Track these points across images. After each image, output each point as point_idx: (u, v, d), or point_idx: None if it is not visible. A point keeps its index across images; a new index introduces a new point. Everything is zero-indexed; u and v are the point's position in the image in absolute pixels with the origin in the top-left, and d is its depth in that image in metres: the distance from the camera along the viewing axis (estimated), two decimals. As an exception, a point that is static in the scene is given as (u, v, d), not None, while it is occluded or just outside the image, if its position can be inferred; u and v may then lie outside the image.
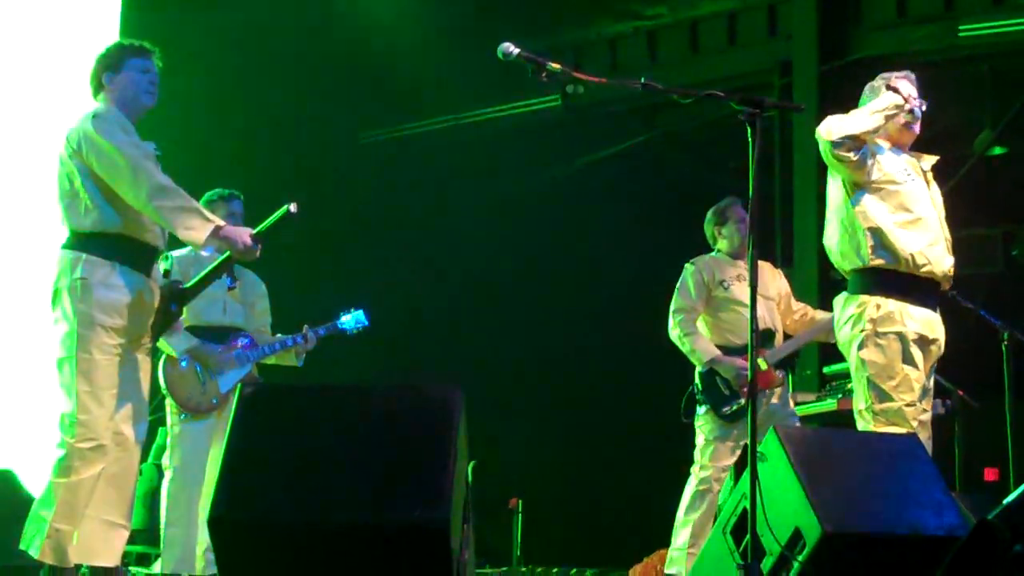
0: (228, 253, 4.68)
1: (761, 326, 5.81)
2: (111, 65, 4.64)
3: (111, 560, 4.51)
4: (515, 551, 8.69)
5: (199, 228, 4.39)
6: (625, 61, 9.92)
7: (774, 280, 6.17)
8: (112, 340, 4.43)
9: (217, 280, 5.02)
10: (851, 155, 4.76)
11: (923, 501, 3.99)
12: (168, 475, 5.57)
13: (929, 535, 3.90)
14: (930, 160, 5.06)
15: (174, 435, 5.58)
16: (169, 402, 5.59)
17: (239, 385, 4.46)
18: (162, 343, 5.31)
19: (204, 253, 4.80)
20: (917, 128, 5.00)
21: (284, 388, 3.74)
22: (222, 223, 4.52)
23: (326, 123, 9.61)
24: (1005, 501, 3.63)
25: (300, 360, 5.89)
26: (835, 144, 4.75)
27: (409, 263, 9.75)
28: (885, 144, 4.96)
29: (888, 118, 4.86)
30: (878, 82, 5.01)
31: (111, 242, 4.45)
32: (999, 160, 9.39)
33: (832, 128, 4.77)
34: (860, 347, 4.80)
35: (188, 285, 4.88)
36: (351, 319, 6.00)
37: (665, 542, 6.20)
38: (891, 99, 4.87)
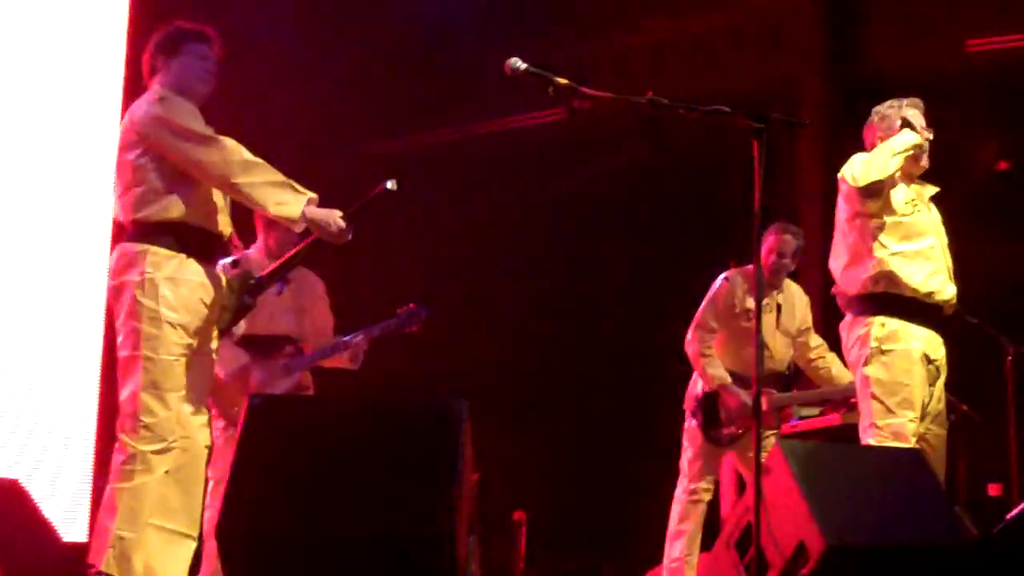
0: (303, 243, 4.42)
1: (773, 366, 5.94)
2: (167, 48, 4.39)
3: (176, 575, 4.18)
4: (519, 564, 8.69)
5: (293, 203, 4.15)
6: (630, 74, 9.94)
7: (800, 310, 6.18)
8: (180, 339, 4.19)
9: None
10: (878, 199, 4.87)
11: (926, 514, 4.01)
12: (209, 486, 5.51)
13: (932, 547, 3.91)
14: (931, 190, 5.11)
15: (216, 446, 5.49)
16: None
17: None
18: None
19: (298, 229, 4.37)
20: (926, 161, 5.05)
21: (290, 399, 3.75)
22: (315, 195, 4.20)
23: (331, 132, 9.58)
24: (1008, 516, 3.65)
25: (356, 363, 5.57)
26: (863, 191, 4.84)
27: (410, 273, 9.73)
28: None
29: (907, 158, 4.92)
30: (888, 110, 5.06)
31: (177, 233, 4.21)
32: (1009, 175, 9.37)
33: (857, 174, 4.85)
34: (865, 364, 4.89)
35: (264, 274, 4.56)
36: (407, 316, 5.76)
37: (669, 555, 6.21)
38: (910, 139, 4.91)
